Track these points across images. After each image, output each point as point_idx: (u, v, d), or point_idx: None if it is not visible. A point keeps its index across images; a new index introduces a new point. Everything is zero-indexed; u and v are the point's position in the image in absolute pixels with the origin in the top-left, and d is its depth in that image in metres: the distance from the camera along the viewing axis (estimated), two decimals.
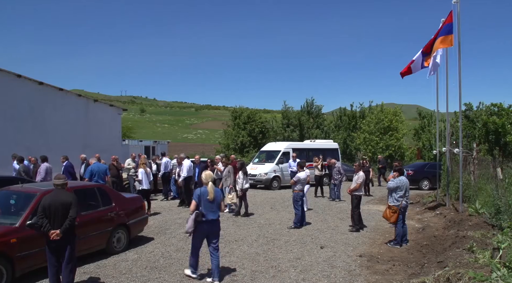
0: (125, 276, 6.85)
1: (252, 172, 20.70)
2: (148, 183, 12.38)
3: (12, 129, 16.35)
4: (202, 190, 6.70)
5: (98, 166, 12.42)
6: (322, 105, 39.12)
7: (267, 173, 20.15)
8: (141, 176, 12.19)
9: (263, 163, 21.13)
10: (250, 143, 36.75)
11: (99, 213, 7.99)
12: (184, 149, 55.23)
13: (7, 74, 16.79)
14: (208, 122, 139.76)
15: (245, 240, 9.43)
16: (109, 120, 20.68)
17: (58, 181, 6.03)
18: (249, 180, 17.83)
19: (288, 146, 21.71)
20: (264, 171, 20.22)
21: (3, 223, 6.56)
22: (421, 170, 20.84)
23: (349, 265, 7.54)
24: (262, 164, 21.04)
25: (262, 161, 21.57)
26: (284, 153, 20.85)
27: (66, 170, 13.01)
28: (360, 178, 10.56)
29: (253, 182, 20.79)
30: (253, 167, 21.01)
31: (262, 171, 20.21)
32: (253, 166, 21.12)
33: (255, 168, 20.77)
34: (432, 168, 21.50)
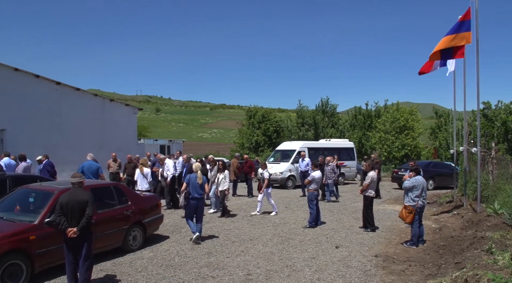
0: (141, 274, 6.91)
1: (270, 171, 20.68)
2: (146, 183, 12.13)
3: (30, 129, 16.60)
4: (191, 176, 8.99)
5: (89, 164, 12.46)
6: (337, 104, 39.02)
7: (282, 172, 20.13)
8: (136, 176, 12.24)
9: (278, 162, 21.10)
10: (264, 142, 36.77)
11: (115, 211, 8.07)
12: (199, 148, 55.59)
13: (25, 74, 17.06)
14: (223, 121, 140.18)
15: (260, 239, 9.43)
16: (124, 120, 20.86)
17: (75, 180, 6.11)
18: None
19: (303, 145, 21.64)
20: (280, 170, 20.20)
21: (22, 220, 6.69)
22: (425, 169, 20.39)
23: (365, 265, 7.48)
24: (278, 163, 21.01)
25: (277, 160, 21.54)
26: (300, 153, 20.76)
27: (45, 168, 13.08)
28: (369, 178, 10.41)
29: None
30: (269, 166, 20.98)
31: (277, 170, 20.19)
32: (269, 165, 21.09)
33: (270, 167, 20.73)
34: (436, 167, 21.12)
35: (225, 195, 12.22)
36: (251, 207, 14.17)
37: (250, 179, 17.15)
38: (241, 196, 17.03)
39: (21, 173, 12.00)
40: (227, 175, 12.31)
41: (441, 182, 20.33)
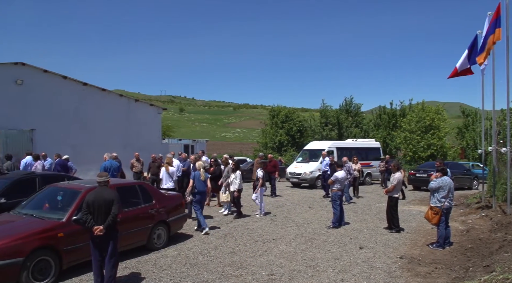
0: (165, 272, 6.98)
1: (296, 171, 20.67)
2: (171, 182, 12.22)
3: (58, 128, 17.02)
4: (195, 173, 10.39)
5: (110, 163, 12.72)
6: (361, 104, 38.63)
7: (312, 172, 20.05)
8: (162, 175, 12.35)
9: (307, 162, 20.98)
10: (288, 142, 36.68)
11: (140, 210, 8.18)
12: (222, 148, 55.85)
13: (53, 75, 17.49)
14: (246, 121, 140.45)
15: (283, 239, 9.41)
16: (149, 119, 21.14)
17: (101, 179, 6.22)
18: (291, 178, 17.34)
19: (332, 145, 21.54)
20: (309, 170, 20.13)
21: (51, 218, 6.85)
22: None
23: (389, 266, 7.38)
24: (306, 162, 20.90)
25: (305, 160, 21.40)
26: (329, 152, 20.66)
27: (55, 168, 13.34)
28: (395, 179, 10.24)
29: (297, 181, 20.78)
30: (298, 166, 20.97)
31: (307, 170, 20.12)
32: (297, 165, 21.07)
33: (300, 167, 20.72)
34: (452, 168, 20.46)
35: (234, 195, 12.03)
36: (275, 206, 14.17)
37: (273, 179, 17.12)
38: (264, 195, 16.98)
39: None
40: (238, 175, 11.98)
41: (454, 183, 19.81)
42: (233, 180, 11.99)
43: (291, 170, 21.24)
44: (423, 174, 19.34)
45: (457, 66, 12.98)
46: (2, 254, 5.78)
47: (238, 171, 12.04)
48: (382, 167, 20.12)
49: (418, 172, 20.01)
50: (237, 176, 11.94)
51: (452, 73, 13.31)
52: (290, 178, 21.27)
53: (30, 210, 7.25)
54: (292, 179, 21.10)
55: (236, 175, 11.96)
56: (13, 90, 16.09)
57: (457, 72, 13.10)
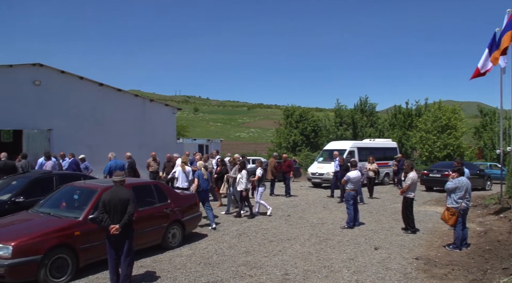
0: (180, 271, 7.02)
1: (319, 171, 20.52)
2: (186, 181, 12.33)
3: (75, 128, 17.25)
4: (199, 172, 10.86)
5: (115, 162, 13.06)
6: (376, 103, 38.32)
7: (334, 172, 19.92)
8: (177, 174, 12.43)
9: (329, 162, 20.78)
10: (302, 141, 36.59)
11: (155, 209, 8.24)
12: (237, 148, 55.91)
13: (70, 76, 17.73)
14: (260, 121, 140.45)
15: (298, 239, 9.39)
16: (164, 119, 21.27)
17: (117, 178, 6.28)
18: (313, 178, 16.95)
19: (353, 145, 21.43)
20: (332, 170, 19.99)
21: (68, 216, 6.95)
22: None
23: (405, 267, 7.31)
24: (328, 162, 20.70)
25: (326, 160, 21.21)
26: (350, 152, 20.56)
27: (70, 166, 13.52)
28: (409, 179, 10.14)
29: (319, 181, 20.67)
30: (319, 166, 20.81)
31: (329, 170, 19.98)
32: (319, 165, 20.91)
33: (322, 167, 20.59)
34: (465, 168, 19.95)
35: (242, 195, 11.96)
36: (289, 206, 14.14)
37: (288, 179, 17.08)
38: (278, 195, 17.01)
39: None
40: (244, 175, 11.87)
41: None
42: (239, 180, 11.96)
43: (313, 170, 21.10)
44: (436, 174, 18.95)
45: (479, 66, 12.78)
46: (21, 252, 5.89)
47: (244, 171, 11.96)
48: (394, 166, 19.94)
49: (431, 172, 19.56)
50: (243, 175, 11.89)
51: (474, 73, 13.09)
52: (312, 178, 21.09)
53: (47, 209, 7.38)
54: (314, 180, 20.95)
55: (242, 175, 11.90)
56: (31, 91, 16.36)
57: (479, 72, 12.89)
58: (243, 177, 11.86)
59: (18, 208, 8.15)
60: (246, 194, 11.93)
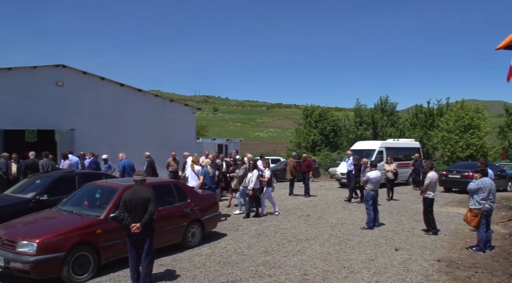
0: (199, 270, 7.06)
1: None
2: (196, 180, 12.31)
3: (96, 128, 17.51)
4: (205, 169, 11.73)
5: (128, 161, 13.59)
6: (396, 103, 37.81)
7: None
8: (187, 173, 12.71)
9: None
10: (321, 141, 36.40)
11: (175, 208, 8.31)
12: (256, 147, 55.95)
13: (92, 77, 18.01)
14: (280, 121, 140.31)
15: (317, 239, 9.34)
16: (184, 119, 21.41)
17: (138, 177, 6.35)
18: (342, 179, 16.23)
19: (382, 145, 21.22)
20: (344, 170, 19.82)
21: (90, 215, 7.07)
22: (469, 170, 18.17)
23: (426, 269, 7.19)
24: None
25: None
26: (379, 152, 20.37)
27: (90, 166, 13.79)
28: (428, 179, 9.98)
29: None
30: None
31: (342, 170, 19.81)
32: None
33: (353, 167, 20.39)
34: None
35: (250, 194, 11.90)
36: (308, 206, 14.08)
37: (307, 179, 17.00)
38: (298, 195, 16.96)
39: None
40: (255, 174, 11.84)
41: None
42: (250, 178, 11.92)
43: (342, 171, 20.83)
44: (456, 175, 18.31)
45: None
46: (45, 249, 6.03)
47: (255, 170, 11.96)
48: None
49: (450, 172, 18.85)
50: (254, 175, 11.88)
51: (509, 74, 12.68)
52: (341, 178, 20.88)
53: (70, 207, 7.52)
54: (344, 180, 20.71)
55: (253, 174, 11.89)
56: (54, 92, 16.67)
57: None
58: (254, 176, 11.86)
59: (42, 206, 8.35)
60: (254, 193, 11.91)
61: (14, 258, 6.03)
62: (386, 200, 15.51)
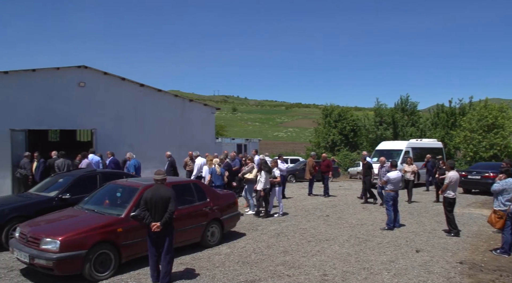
0: (219, 269, 7.09)
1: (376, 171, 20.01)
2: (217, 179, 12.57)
3: (117, 128, 17.72)
4: (212, 168, 12.22)
5: (138, 162, 13.80)
6: (417, 102, 37.25)
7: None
8: (204, 173, 12.80)
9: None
10: (341, 141, 36.19)
11: (195, 207, 8.35)
12: (275, 147, 55.92)
13: (113, 77, 18.24)
14: (299, 120, 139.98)
15: (336, 239, 9.28)
16: (203, 119, 21.48)
17: (158, 177, 6.42)
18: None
19: (408, 145, 21.12)
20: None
21: (111, 213, 7.16)
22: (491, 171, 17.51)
23: (448, 271, 7.07)
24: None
25: None
26: (406, 152, 20.11)
27: (109, 165, 13.92)
28: (448, 178, 9.81)
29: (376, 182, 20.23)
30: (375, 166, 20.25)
31: None
32: (375, 166, 20.32)
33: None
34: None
35: (260, 195, 11.89)
36: (328, 206, 14.01)
37: (327, 179, 16.91)
38: (317, 195, 16.88)
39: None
40: (263, 174, 11.81)
41: None
42: (259, 179, 11.92)
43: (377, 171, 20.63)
44: (476, 175, 17.74)
45: None
46: (67, 247, 6.13)
47: (263, 172, 11.90)
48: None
49: (470, 173, 18.18)
50: (263, 175, 11.86)
51: None
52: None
53: (91, 206, 7.63)
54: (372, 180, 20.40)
55: (262, 175, 11.87)
56: (76, 92, 16.94)
57: None
58: (263, 176, 11.84)
59: (64, 205, 8.53)
60: (265, 194, 11.90)
61: (38, 255, 6.16)
62: (407, 202, 15.10)
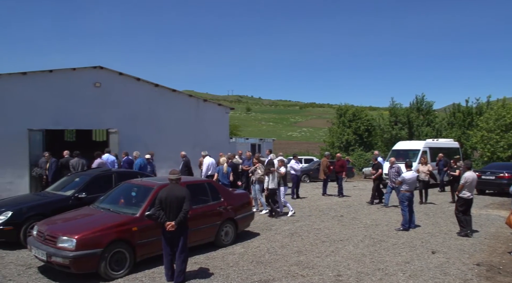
0: (232, 269, 7.10)
1: None
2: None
3: (132, 128, 17.86)
4: (220, 167, 12.80)
5: (144, 161, 13.94)
6: (433, 101, 36.74)
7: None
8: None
9: (402, 163, 20.08)
10: (355, 141, 35.94)
11: (209, 207, 8.38)
12: (289, 147, 55.85)
13: (128, 77, 18.39)
14: (313, 120, 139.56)
15: (351, 240, 9.23)
16: (217, 119, 21.52)
17: (173, 176, 6.46)
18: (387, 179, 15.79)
19: (425, 145, 20.89)
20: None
21: (126, 212, 7.23)
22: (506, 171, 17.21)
23: (465, 273, 6.97)
24: (402, 163, 20.03)
25: (398, 160, 20.42)
26: (424, 152, 19.93)
27: (123, 165, 14.10)
28: (464, 178, 9.67)
29: None
30: None
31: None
32: None
33: None
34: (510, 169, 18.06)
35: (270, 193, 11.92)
36: (342, 207, 13.93)
37: (340, 179, 16.82)
38: (331, 195, 16.81)
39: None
40: (270, 176, 11.85)
41: None
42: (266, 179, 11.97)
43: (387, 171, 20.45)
44: (490, 176, 17.32)
45: None
46: (83, 245, 6.20)
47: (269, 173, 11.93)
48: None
49: (484, 174, 17.56)
50: (270, 175, 11.87)
51: None
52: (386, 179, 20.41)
53: (107, 205, 7.71)
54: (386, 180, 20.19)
55: (270, 175, 11.88)
56: (92, 92, 17.13)
57: None
58: (270, 177, 11.85)
59: (80, 204, 8.63)
60: (270, 193, 11.91)
61: (55, 253, 6.24)
62: (419, 203, 14.77)
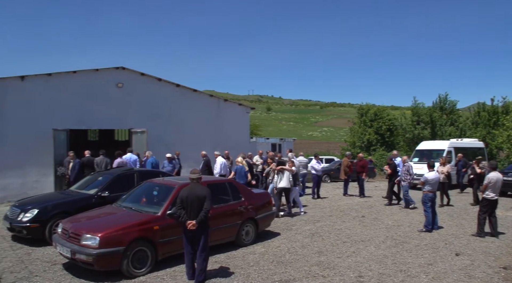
0: (253, 268, 7.11)
1: (419, 172, 19.39)
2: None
3: (154, 127, 18.06)
4: (238, 167, 12.72)
5: (155, 160, 14.16)
6: (457, 101, 36.00)
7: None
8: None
9: (424, 162, 19.76)
10: (377, 141, 35.55)
11: (230, 206, 8.41)
12: (309, 147, 55.64)
13: (149, 78, 18.61)
14: (333, 120, 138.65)
15: (372, 241, 9.13)
16: (237, 119, 21.59)
17: (194, 176, 6.51)
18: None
19: (450, 145, 20.53)
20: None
21: (148, 211, 7.31)
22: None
23: (491, 277, 6.82)
24: (424, 163, 19.73)
25: (423, 160, 20.12)
26: (448, 152, 19.64)
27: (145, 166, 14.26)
28: (487, 179, 9.46)
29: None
30: (419, 167, 19.61)
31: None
32: (418, 166, 19.68)
33: (421, 168, 19.66)
34: None
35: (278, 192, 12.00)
36: (363, 207, 13.80)
37: (362, 179, 16.63)
38: (352, 196, 16.66)
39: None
40: (281, 174, 11.98)
41: None
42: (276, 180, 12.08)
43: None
44: (511, 177, 16.74)
45: None
46: (106, 243, 6.30)
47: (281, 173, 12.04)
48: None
49: (505, 174, 16.49)
50: (281, 175, 11.99)
51: None
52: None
53: (129, 204, 7.82)
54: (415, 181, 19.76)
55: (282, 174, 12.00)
56: (114, 93, 17.39)
57: None
58: (283, 176, 11.94)
59: (103, 202, 8.77)
60: (278, 192, 11.98)
61: (79, 250, 6.36)
62: (439, 206, 13.84)
